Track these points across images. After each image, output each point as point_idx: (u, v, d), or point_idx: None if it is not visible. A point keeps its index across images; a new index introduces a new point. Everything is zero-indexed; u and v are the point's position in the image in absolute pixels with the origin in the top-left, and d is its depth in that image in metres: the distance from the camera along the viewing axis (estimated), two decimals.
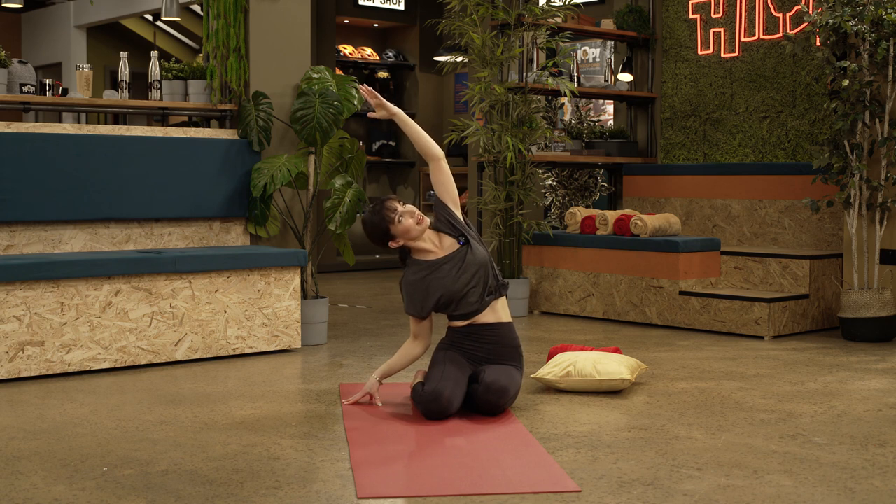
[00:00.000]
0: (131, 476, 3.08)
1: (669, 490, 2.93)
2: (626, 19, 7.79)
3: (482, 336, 3.95)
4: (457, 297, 3.90)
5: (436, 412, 3.75)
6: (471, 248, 3.95)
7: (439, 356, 3.94)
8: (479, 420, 3.78)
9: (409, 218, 3.88)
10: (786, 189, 6.71)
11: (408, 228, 3.89)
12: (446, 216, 4.00)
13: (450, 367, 3.85)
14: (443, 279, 3.89)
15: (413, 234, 3.90)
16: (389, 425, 3.72)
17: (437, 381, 3.78)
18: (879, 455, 3.33)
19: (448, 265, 3.91)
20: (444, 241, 3.98)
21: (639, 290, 6.38)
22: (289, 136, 5.87)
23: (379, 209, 3.91)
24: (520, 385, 3.96)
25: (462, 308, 3.93)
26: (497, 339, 3.96)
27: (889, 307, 5.71)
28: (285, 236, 5.86)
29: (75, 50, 11.97)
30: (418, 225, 3.89)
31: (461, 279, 3.89)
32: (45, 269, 4.59)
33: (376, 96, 4.03)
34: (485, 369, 3.86)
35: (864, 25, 5.59)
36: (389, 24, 10.65)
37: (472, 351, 3.95)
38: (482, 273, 3.92)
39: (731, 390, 4.36)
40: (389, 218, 3.89)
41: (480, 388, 3.80)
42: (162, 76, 5.73)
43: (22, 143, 4.96)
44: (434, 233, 4.00)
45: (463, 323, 3.97)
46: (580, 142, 7.89)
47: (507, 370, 3.88)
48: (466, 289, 3.90)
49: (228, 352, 5.14)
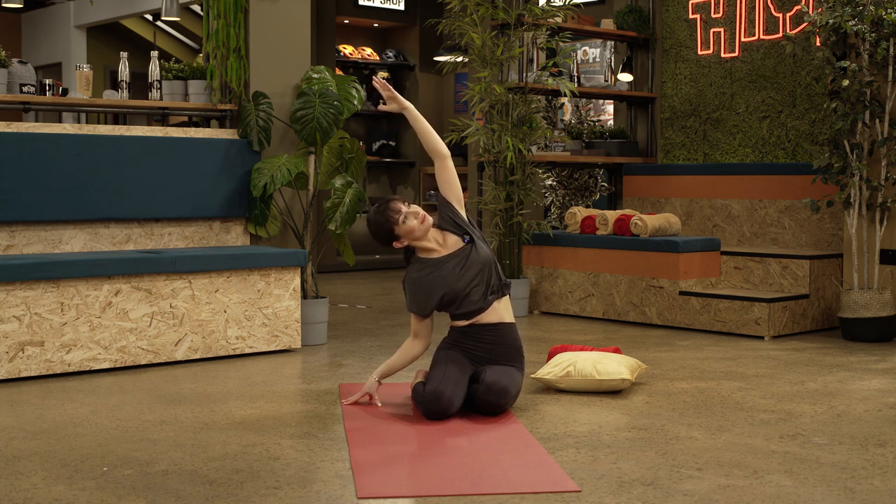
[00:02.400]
0: (131, 476, 3.08)
1: (669, 490, 2.93)
2: (626, 19, 7.79)
3: (483, 336, 3.95)
4: (460, 296, 3.90)
5: (436, 412, 3.75)
6: (475, 246, 3.95)
7: (441, 356, 3.94)
8: (480, 420, 3.78)
9: (412, 219, 3.88)
10: (786, 189, 6.71)
11: (412, 229, 3.89)
12: (450, 215, 4.00)
13: (451, 367, 3.85)
14: (446, 277, 3.89)
15: (417, 235, 3.90)
16: (389, 425, 3.72)
17: (439, 381, 3.78)
18: (879, 455, 3.33)
19: (451, 263, 3.91)
20: (448, 239, 3.98)
21: (639, 290, 6.38)
22: (289, 136, 5.87)
23: (383, 209, 3.91)
24: (521, 385, 3.96)
25: (464, 307, 3.93)
26: (499, 339, 3.96)
27: (889, 307, 5.71)
28: (285, 236, 5.86)
29: (75, 50, 11.97)
30: (422, 225, 3.89)
31: (464, 277, 3.89)
32: (45, 269, 4.59)
33: (389, 89, 4.02)
34: (486, 369, 3.86)
35: (864, 25, 5.58)
36: (389, 24, 10.65)
37: (474, 351, 3.95)
38: (486, 272, 3.92)
39: (731, 390, 4.36)
40: (393, 219, 3.89)
41: (481, 388, 3.80)
42: (162, 76, 5.73)
43: (22, 143, 4.96)
44: (438, 231, 4.00)
45: (465, 323, 3.97)
46: (580, 142, 7.89)
47: (507, 371, 3.88)
48: (469, 287, 3.90)
49: (228, 352, 5.14)
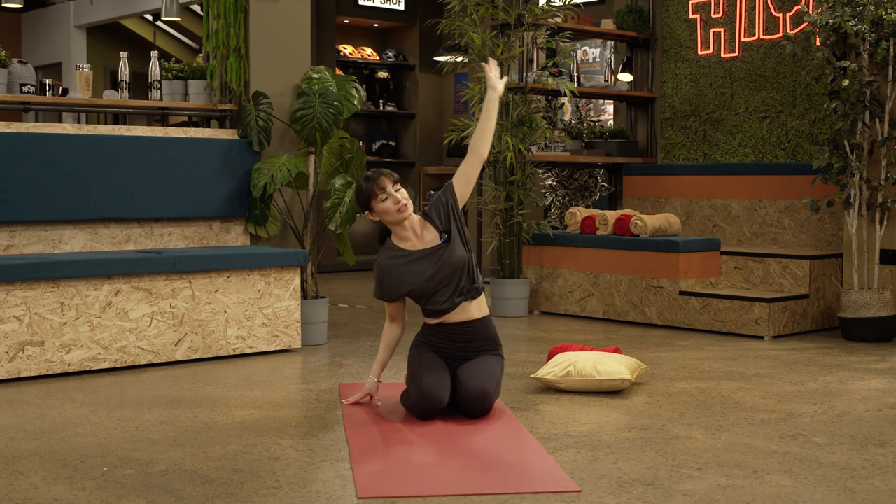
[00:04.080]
0: (131, 476, 3.08)
1: (669, 490, 2.93)
2: (626, 19, 7.79)
3: (454, 335, 3.93)
4: (426, 294, 3.88)
5: (428, 411, 3.75)
6: (451, 247, 3.89)
7: (414, 359, 3.91)
8: (479, 420, 3.78)
9: (391, 203, 3.83)
10: (786, 189, 6.71)
11: (386, 210, 3.84)
12: (449, 200, 3.92)
13: (427, 366, 3.82)
14: (417, 274, 3.87)
15: (389, 219, 3.87)
16: (389, 425, 3.72)
17: (420, 382, 3.77)
18: (879, 455, 3.33)
19: (424, 261, 3.87)
20: (426, 233, 3.93)
21: (639, 290, 6.38)
22: (289, 136, 5.87)
23: (372, 179, 3.86)
24: (501, 373, 3.92)
25: (431, 305, 3.91)
26: (469, 336, 3.93)
27: (889, 307, 5.71)
28: (285, 236, 5.86)
29: (75, 50, 11.97)
30: (398, 213, 3.84)
31: (434, 278, 3.86)
32: (45, 269, 4.59)
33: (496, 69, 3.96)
34: (461, 373, 3.83)
35: (864, 25, 5.58)
36: (389, 24, 10.65)
37: (446, 349, 3.92)
38: (456, 275, 3.87)
39: (731, 390, 4.36)
40: (374, 193, 3.85)
41: (462, 396, 3.78)
42: (162, 76, 5.73)
43: (22, 143, 4.96)
44: (420, 221, 3.94)
45: (434, 321, 3.95)
46: (580, 142, 7.89)
47: (482, 368, 3.84)
48: (437, 288, 3.87)
49: (228, 352, 5.14)
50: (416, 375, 3.82)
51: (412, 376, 3.85)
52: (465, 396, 3.78)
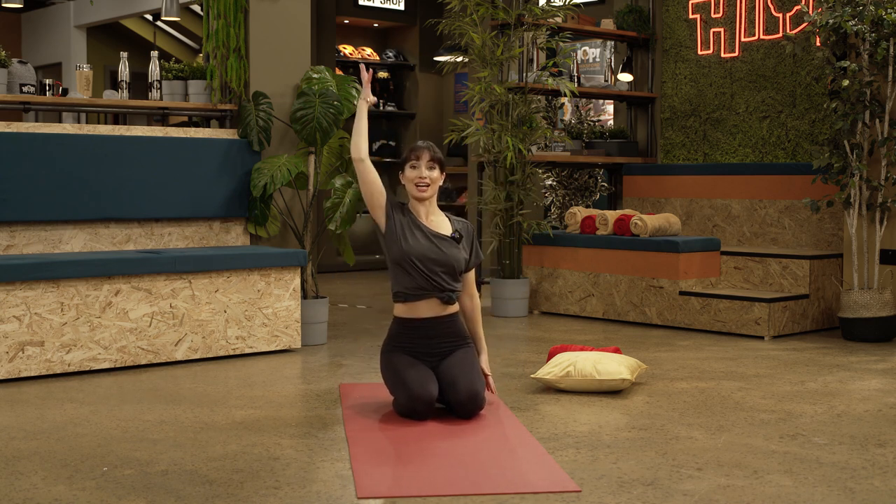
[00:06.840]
0: (131, 476, 3.08)
1: (669, 490, 2.93)
2: (626, 19, 7.79)
3: (419, 331, 3.91)
4: (405, 261, 3.87)
5: (423, 410, 3.75)
6: (456, 244, 3.95)
7: (389, 366, 3.90)
8: (479, 420, 3.78)
9: (415, 174, 3.91)
10: (786, 189, 6.71)
11: (409, 178, 3.95)
12: (473, 233, 4.04)
13: (406, 368, 3.82)
14: (414, 238, 3.89)
15: (409, 189, 3.95)
16: (389, 425, 3.72)
17: (407, 385, 3.77)
18: (879, 455, 3.33)
19: (425, 236, 3.90)
20: (436, 219, 3.99)
21: (639, 290, 6.38)
22: (289, 136, 5.87)
23: (419, 147, 3.96)
24: (479, 365, 3.93)
25: (399, 277, 3.90)
26: (435, 332, 3.92)
27: (889, 307, 5.71)
28: (285, 236, 5.86)
29: (75, 50, 11.96)
30: (415, 187, 3.92)
31: (426, 254, 3.87)
32: (45, 269, 4.59)
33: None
34: (444, 377, 3.83)
35: (864, 25, 5.58)
36: (389, 24, 10.65)
37: (416, 348, 3.91)
38: (439, 272, 3.88)
39: (731, 390, 4.36)
40: (409, 157, 3.96)
41: (454, 400, 3.78)
42: (162, 76, 5.73)
43: (22, 143, 4.96)
44: (437, 211, 4.02)
45: (402, 309, 3.93)
46: (580, 142, 7.89)
47: (462, 369, 3.83)
48: (421, 264, 3.86)
49: (228, 352, 5.14)
50: (399, 381, 3.82)
51: (395, 383, 3.84)
52: (456, 401, 3.78)
